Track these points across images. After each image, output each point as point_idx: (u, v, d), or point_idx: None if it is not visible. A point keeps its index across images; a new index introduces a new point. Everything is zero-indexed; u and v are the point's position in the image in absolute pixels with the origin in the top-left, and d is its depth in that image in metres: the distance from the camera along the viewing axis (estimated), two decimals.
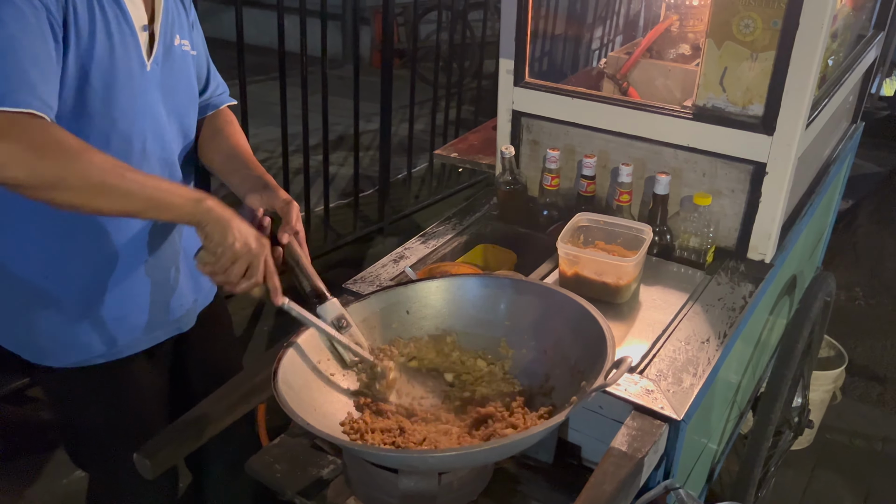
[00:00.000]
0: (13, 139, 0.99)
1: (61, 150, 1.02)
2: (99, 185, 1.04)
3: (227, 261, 1.11)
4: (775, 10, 1.49)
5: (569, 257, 1.53)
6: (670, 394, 1.30)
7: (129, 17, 1.19)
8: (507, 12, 1.77)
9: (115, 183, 1.05)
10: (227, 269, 1.11)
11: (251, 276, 1.14)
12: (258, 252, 1.14)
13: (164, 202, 1.09)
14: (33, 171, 1.00)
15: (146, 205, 1.08)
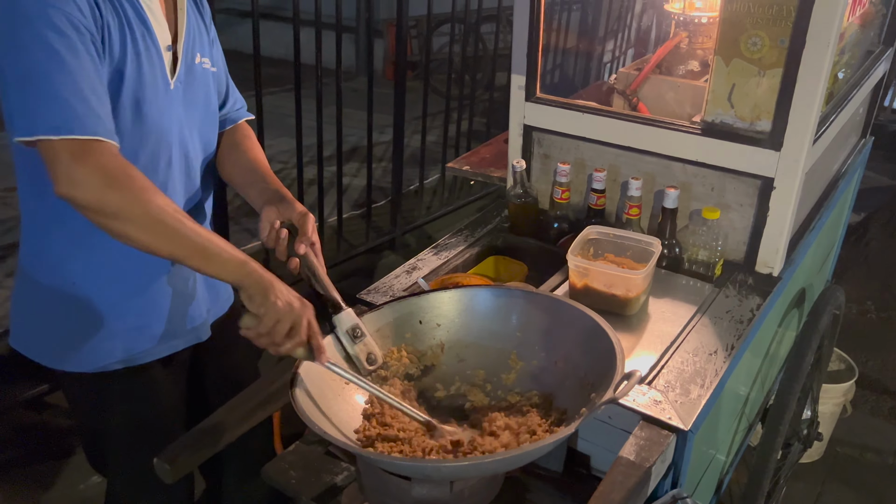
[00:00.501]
0: (89, 165, 1.07)
1: (129, 184, 1.09)
2: (157, 223, 1.11)
3: (271, 321, 1.14)
4: (782, 28, 1.52)
5: (579, 269, 1.56)
6: (678, 405, 1.32)
7: (156, 37, 1.24)
8: (519, 30, 1.80)
9: (172, 225, 1.12)
10: (271, 329, 1.14)
11: (294, 335, 1.16)
12: (301, 312, 1.16)
13: (212, 255, 1.15)
14: (101, 199, 1.08)
15: (194, 253, 1.14)
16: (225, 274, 1.16)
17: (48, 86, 1.07)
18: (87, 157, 1.08)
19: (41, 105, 1.07)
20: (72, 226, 1.29)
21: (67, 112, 1.07)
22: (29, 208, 1.33)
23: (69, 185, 1.08)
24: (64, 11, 1.08)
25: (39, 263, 1.35)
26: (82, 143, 1.08)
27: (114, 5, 1.18)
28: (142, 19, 1.22)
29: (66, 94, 1.07)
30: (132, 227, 1.10)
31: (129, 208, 1.09)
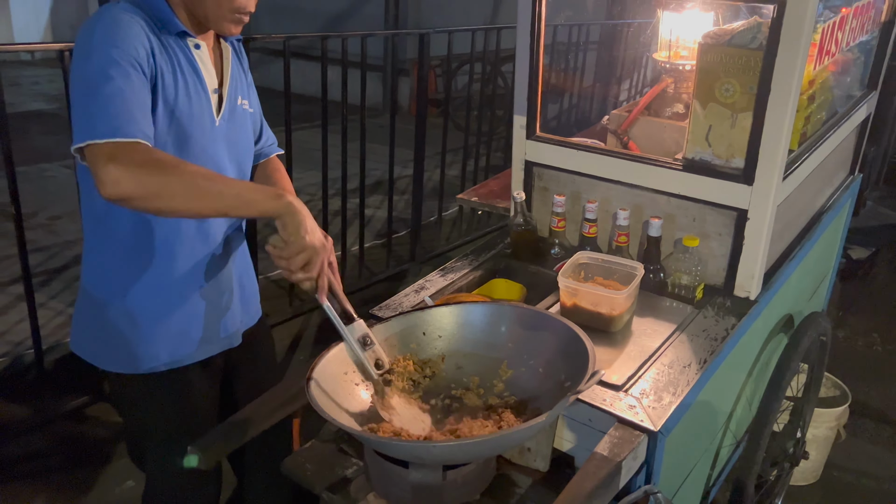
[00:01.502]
0: (123, 161, 1.23)
1: (161, 165, 1.26)
2: (194, 189, 1.26)
3: (294, 250, 1.28)
4: (751, 77, 1.70)
5: (568, 290, 1.74)
6: (650, 409, 1.48)
7: (205, 82, 1.47)
8: (520, 76, 2.01)
9: (208, 186, 1.27)
10: (292, 257, 1.28)
11: (308, 270, 1.30)
12: (321, 249, 1.31)
13: (250, 199, 1.29)
14: (140, 184, 1.23)
15: (235, 202, 1.29)
16: (265, 209, 1.29)
17: (99, 103, 1.26)
18: (121, 156, 1.22)
19: (92, 118, 1.25)
20: (123, 244, 1.50)
21: (106, 122, 1.25)
22: (88, 229, 1.55)
23: (110, 185, 1.22)
24: (124, 51, 1.30)
25: (95, 278, 1.57)
26: (116, 145, 1.24)
27: (168, 54, 1.41)
28: (193, 66, 1.45)
29: (112, 109, 1.26)
30: (176, 200, 1.24)
31: (166, 186, 1.23)
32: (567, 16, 3.91)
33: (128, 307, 1.54)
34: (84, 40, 1.33)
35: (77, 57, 1.32)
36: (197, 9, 1.44)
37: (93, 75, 1.28)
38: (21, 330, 3.38)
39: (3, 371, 3.02)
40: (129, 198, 1.24)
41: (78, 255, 4.22)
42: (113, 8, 1.36)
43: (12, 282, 3.86)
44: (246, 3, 1.45)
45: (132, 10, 1.37)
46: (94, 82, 1.27)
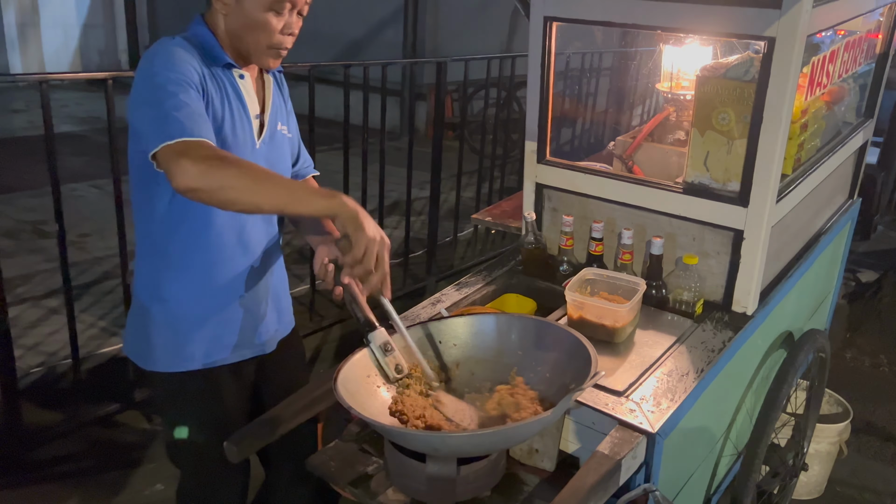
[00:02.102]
0: (192, 156, 1.36)
1: (227, 160, 1.39)
2: (256, 183, 1.37)
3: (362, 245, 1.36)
4: (745, 106, 1.83)
5: (575, 303, 1.86)
6: (649, 413, 1.60)
7: (248, 108, 1.64)
8: (531, 104, 2.16)
9: (268, 181, 1.40)
10: (364, 253, 1.37)
11: (380, 265, 1.40)
12: (385, 243, 1.40)
13: (305, 196, 1.40)
14: (208, 176, 1.35)
15: (291, 197, 1.39)
16: (320, 208, 1.39)
17: (166, 111, 1.41)
18: (189, 152, 1.35)
19: (162, 124, 1.40)
20: (170, 254, 1.66)
21: (178, 125, 1.39)
22: (140, 241, 1.70)
23: (180, 176, 1.34)
24: (183, 74, 1.47)
25: (146, 287, 1.72)
26: (184, 144, 1.37)
27: (217, 82, 1.58)
28: (238, 94, 1.62)
29: (177, 115, 1.41)
30: (238, 193, 1.35)
31: (230, 179, 1.35)
32: (577, 46, 4.07)
33: (170, 312, 1.69)
34: (145, 68, 1.50)
35: (139, 82, 1.49)
36: (240, 45, 1.60)
37: (157, 93, 1.44)
38: (54, 341, 3.55)
39: (39, 380, 3.18)
40: (198, 188, 1.35)
41: (107, 272, 4.41)
42: (169, 42, 1.54)
43: (45, 296, 4.03)
44: (282, 40, 1.61)
45: (185, 45, 1.54)
46: (159, 98, 1.43)
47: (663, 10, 1.85)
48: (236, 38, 1.60)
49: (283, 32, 1.59)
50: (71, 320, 2.88)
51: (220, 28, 1.60)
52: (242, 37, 1.59)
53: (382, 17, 8.58)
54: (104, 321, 3.80)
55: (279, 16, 1.57)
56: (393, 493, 1.57)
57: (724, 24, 1.77)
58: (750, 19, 1.73)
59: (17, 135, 7.65)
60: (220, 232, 1.66)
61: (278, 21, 1.57)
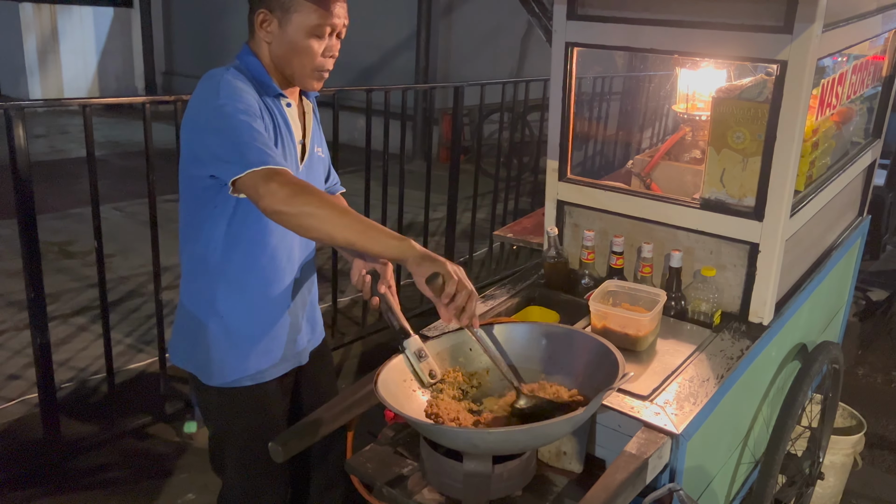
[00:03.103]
0: (280, 182, 1.47)
1: (310, 191, 1.49)
2: (333, 216, 1.47)
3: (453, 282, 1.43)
4: (759, 125, 1.93)
5: (599, 313, 1.95)
6: (673, 416, 1.68)
7: (293, 135, 1.75)
8: (553, 123, 2.26)
9: (345, 214, 1.49)
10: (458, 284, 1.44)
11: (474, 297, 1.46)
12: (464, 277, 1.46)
13: (376, 235, 1.47)
14: (291, 202, 1.45)
15: (363, 236, 1.46)
16: (389, 249, 1.46)
17: (244, 139, 1.52)
18: (276, 178, 1.46)
19: (244, 151, 1.50)
20: (226, 276, 1.75)
21: (259, 153, 1.50)
22: (191, 260, 1.79)
23: (270, 198, 1.44)
24: (248, 104, 1.59)
25: (197, 302, 1.80)
26: (271, 170, 1.48)
27: (270, 113, 1.69)
28: (286, 122, 1.73)
29: (256, 144, 1.52)
30: (317, 220, 1.45)
31: (312, 207, 1.44)
32: (597, 71, 4.20)
33: (226, 327, 1.78)
34: (210, 98, 1.59)
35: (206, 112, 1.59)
36: (285, 70, 1.71)
37: (231, 122, 1.54)
38: (84, 357, 3.65)
39: (72, 394, 3.27)
40: (284, 212, 1.45)
41: (132, 290, 4.52)
42: (226, 73, 1.64)
43: (74, 314, 4.14)
44: (323, 62, 1.72)
45: (240, 77, 1.65)
46: (234, 127, 1.54)
47: (680, 36, 1.95)
48: (282, 63, 1.70)
49: (324, 55, 1.70)
50: (106, 336, 2.98)
51: (266, 56, 1.71)
52: (288, 62, 1.69)
53: (395, 43, 8.78)
54: (130, 338, 3.90)
55: (320, 40, 1.67)
56: (429, 493, 1.64)
57: (739, 48, 1.88)
58: (763, 44, 1.83)
59: (38, 160, 7.81)
60: (274, 254, 1.76)
61: (319, 45, 1.68)
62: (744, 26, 1.86)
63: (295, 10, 1.64)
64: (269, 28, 1.67)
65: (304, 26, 1.65)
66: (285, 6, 1.64)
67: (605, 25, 2.09)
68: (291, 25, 1.65)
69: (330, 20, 1.66)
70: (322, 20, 1.65)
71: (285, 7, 1.64)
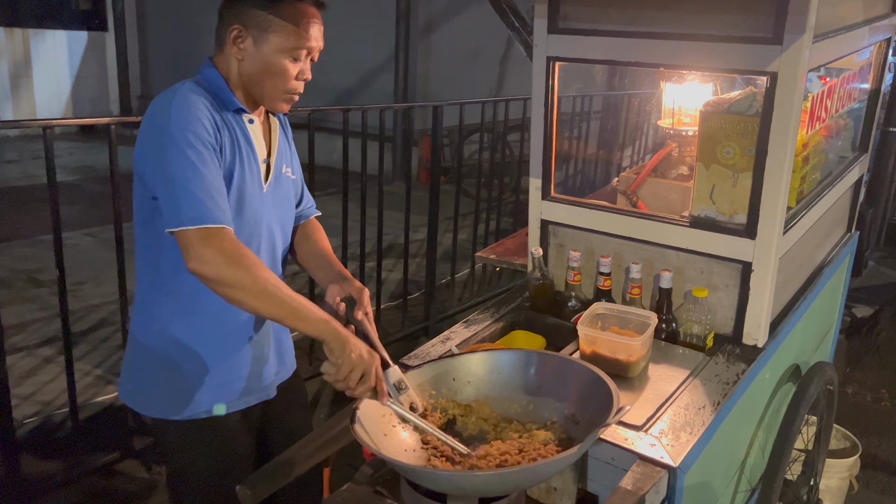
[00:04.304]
0: (214, 247, 1.41)
1: (244, 262, 1.43)
2: (264, 292, 1.43)
3: (346, 370, 1.44)
4: (749, 140, 1.87)
5: (587, 338, 1.85)
6: (669, 447, 1.58)
7: (256, 153, 1.64)
8: (535, 141, 2.18)
9: (275, 293, 1.44)
10: (347, 376, 1.44)
11: (364, 381, 1.46)
12: (370, 363, 1.47)
13: (304, 315, 1.46)
14: (222, 273, 1.41)
15: (290, 314, 1.45)
16: (313, 330, 1.46)
17: (187, 189, 1.43)
18: (213, 241, 1.41)
19: (182, 203, 1.43)
20: (179, 297, 1.64)
21: (201, 208, 1.43)
22: (145, 285, 1.68)
23: (199, 263, 1.40)
24: (197, 133, 1.48)
25: (148, 330, 1.69)
26: (210, 230, 1.42)
27: (228, 129, 1.58)
28: (247, 139, 1.62)
29: (200, 195, 1.43)
30: (245, 294, 1.42)
31: (243, 281, 1.41)
32: (578, 88, 4.16)
33: (177, 356, 1.66)
34: (160, 120, 1.49)
35: (153, 131, 1.50)
36: (254, 89, 1.62)
37: (174, 161, 1.45)
38: (50, 390, 3.48)
39: (36, 429, 3.11)
40: (210, 279, 1.42)
41: (103, 319, 4.36)
42: (182, 88, 1.55)
43: (39, 345, 3.98)
44: (297, 85, 1.64)
45: (198, 91, 1.56)
46: (177, 168, 1.45)
47: (665, 49, 1.89)
48: (251, 82, 1.61)
49: (297, 78, 1.63)
50: (69, 368, 2.83)
51: (233, 72, 1.62)
52: (259, 82, 1.61)
53: (374, 65, 8.74)
54: (100, 369, 3.74)
55: (296, 62, 1.60)
56: None
57: (727, 60, 1.81)
58: (752, 55, 1.77)
59: (10, 185, 7.64)
60: None
61: (294, 67, 1.61)
62: (732, 38, 1.79)
63: (273, 30, 1.56)
64: (242, 45, 1.59)
65: (281, 47, 1.58)
66: (262, 25, 1.56)
67: (588, 39, 2.02)
68: (268, 45, 1.57)
69: (308, 43, 1.60)
70: (300, 43, 1.58)
71: (263, 26, 1.56)
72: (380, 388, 1.49)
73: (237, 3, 1.58)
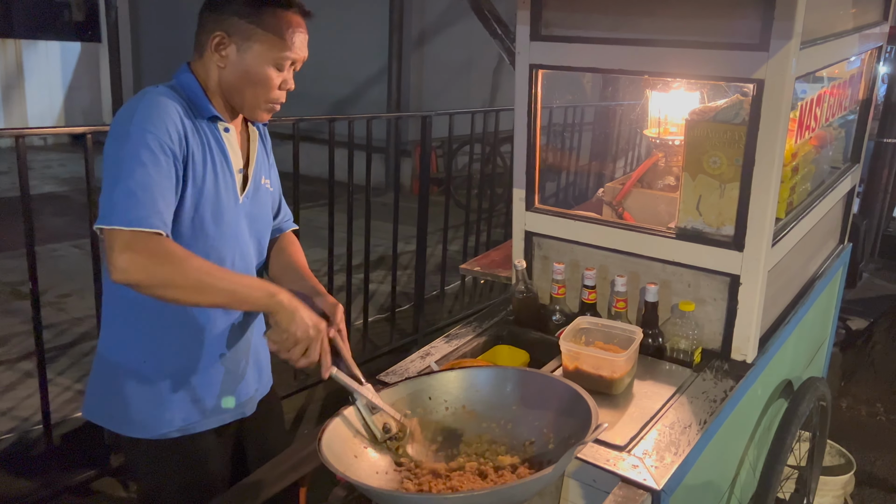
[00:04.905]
0: (137, 251, 1.34)
1: (171, 258, 1.36)
2: (197, 283, 1.38)
3: (290, 343, 1.42)
4: (736, 150, 1.81)
5: (570, 353, 1.79)
6: (653, 469, 1.51)
7: (231, 163, 1.59)
8: (518, 151, 2.13)
9: (210, 282, 1.39)
10: (291, 349, 1.42)
11: (309, 356, 1.44)
12: (315, 337, 1.44)
13: (244, 295, 1.43)
14: (150, 274, 1.34)
15: (231, 298, 1.43)
16: (259, 306, 1.44)
17: (127, 188, 1.36)
18: (138, 245, 1.33)
19: (117, 203, 1.36)
20: (146, 313, 1.57)
21: (136, 210, 1.35)
22: (110, 299, 1.62)
23: (120, 271, 1.32)
24: (157, 136, 1.42)
25: (115, 346, 1.63)
26: (138, 234, 1.34)
27: (200, 136, 1.52)
28: (221, 148, 1.57)
29: (139, 197, 1.36)
30: (179, 291, 1.37)
31: (174, 277, 1.36)
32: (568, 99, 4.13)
33: (146, 373, 1.60)
34: (123, 120, 1.44)
35: (113, 136, 1.44)
36: (234, 98, 1.57)
37: (125, 158, 1.39)
38: (28, 406, 3.40)
39: (10, 447, 3.03)
40: (137, 284, 1.35)
41: (86, 332, 4.28)
42: (153, 91, 1.49)
43: (20, 359, 3.89)
44: (279, 95, 1.59)
45: (170, 95, 1.50)
46: (126, 166, 1.39)
47: (650, 56, 1.84)
48: (231, 90, 1.57)
49: (280, 88, 1.58)
50: (43, 385, 2.76)
51: (212, 79, 1.57)
52: (240, 91, 1.56)
53: (367, 76, 8.71)
54: (81, 383, 3.66)
55: (280, 72, 1.56)
56: None
57: (712, 67, 1.76)
58: (738, 62, 1.72)
59: (0, 196, 7.57)
60: None
61: (278, 77, 1.56)
62: (717, 44, 1.74)
63: (257, 38, 1.52)
64: (224, 52, 1.54)
65: (265, 57, 1.53)
66: (246, 33, 1.52)
67: (572, 46, 1.97)
68: (251, 53, 1.53)
69: (293, 53, 1.55)
70: (284, 52, 1.54)
71: (246, 34, 1.52)
72: (324, 361, 1.46)
73: (220, 10, 1.53)
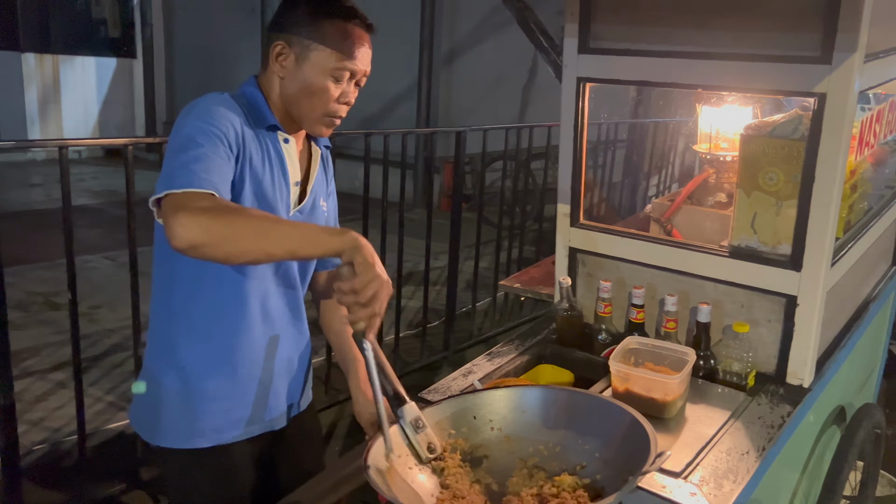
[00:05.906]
0: (190, 208, 1.25)
1: (224, 210, 1.28)
2: (260, 230, 1.27)
3: (365, 280, 1.26)
4: (794, 166, 1.75)
5: (620, 374, 1.73)
6: (711, 497, 1.44)
7: (288, 173, 1.57)
8: (564, 165, 2.08)
9: (273, 227, 1.29)
10: (362, 288, 1.26)
11: (372, 303, 1.29)
12: (387, 284, 1.30)
13: (316, 237, 1.30)
14: (206, 230, 1.24)
15: (301, 241, 1.29)
16: (331, 246, 1.28)
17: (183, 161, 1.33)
18: (190, 203, 1.26)
19: (173, 173, 1.32)
20: (190, 322, 1.55)
21: (187, 176, 1.31)
22: (157, 310, 1.60)
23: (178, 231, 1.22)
24: (217, 127, 1.40)
25: (159, 351, 1.61)
26: (190, 193, 1.28)
27: (260, 143, 1.51)
28: (280, 157, 1.55)
29: (194, 167, 1.32)
30: (244, 241, 1.26)
31: (233, 228, 1.25)
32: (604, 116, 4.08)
33: (184, 382, 1.57)
34: (181, 119, 1.44)
35: (173, 132, 1.43)
36: (293, 109, 1.55)
37: (183, 141, 1.38)
38: (60, 416, 3.40)
39: (42, 457, 3.02)
40: (199, 244, 1.24)
41: (117, 344, 4.30)
42: (213, 96, 1.49)
43: (53, 369, 3.91)
44: (337, 108, 1.56)
45: (230, 102, 1.49)
46: (183, 146, 1.36)
47: (705, 69, 1.79)
48: (291, 102, 1.55)
49: (339, 101, 1.55)
50: (79, 396, 2.75)
51: (274, 91, 1.56)
52: (298, 102, 1.54)
53: (396, 92, 8.73)
54: (112, 395, 3.66)
55: (338, 83, 1.53)
56: None
57: (771, 80, 1.70)
58: (798, 75, 1.66)
59: (34, 208, 7.68)
60: (245, 298, 1.56)
61: (336, 88, 1.53)
62: (776, 57, 1.69)
63: (315, 47, 1.49)
64: (284, 62, 1.52)
65: (323, 67, 1.50)
66: (305, 42, 1.50)
67: (621, 59, 1.92)
68: (309, 63, 1.50)
69: (352, 65, 1.52)
70: (343, 63, 1.50)
71: (305, 43, 1.50)
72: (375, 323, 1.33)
73: (283, 20, 1.53)
